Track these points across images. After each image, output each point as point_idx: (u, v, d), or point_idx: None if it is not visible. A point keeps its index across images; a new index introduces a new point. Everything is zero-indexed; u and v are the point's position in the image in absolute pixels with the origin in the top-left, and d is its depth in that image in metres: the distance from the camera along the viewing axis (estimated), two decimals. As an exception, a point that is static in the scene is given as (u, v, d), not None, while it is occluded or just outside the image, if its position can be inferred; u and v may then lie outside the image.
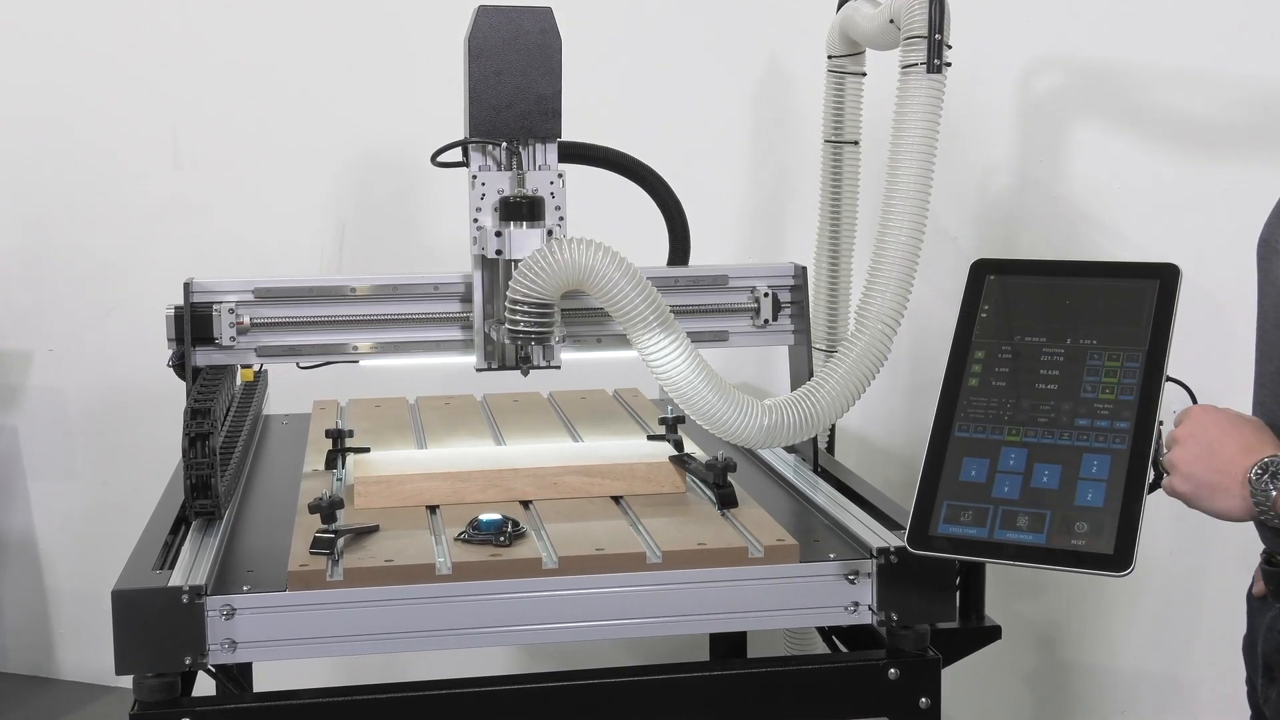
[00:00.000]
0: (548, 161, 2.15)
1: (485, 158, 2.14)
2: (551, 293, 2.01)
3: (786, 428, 2.03)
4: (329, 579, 1.85)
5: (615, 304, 1.98)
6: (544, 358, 2.21)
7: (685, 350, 1.98)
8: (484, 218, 2.13)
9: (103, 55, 3.71)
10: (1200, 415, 1.65)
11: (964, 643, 2.06)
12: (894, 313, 2.08)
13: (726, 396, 1.99)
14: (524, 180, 2.13)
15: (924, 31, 2.08)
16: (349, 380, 2.58)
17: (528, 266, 2.00)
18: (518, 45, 2.10)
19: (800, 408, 2.04)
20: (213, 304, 2.19)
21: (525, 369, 2.20)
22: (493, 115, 2.11)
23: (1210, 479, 1.59)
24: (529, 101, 2.12)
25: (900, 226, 2.07)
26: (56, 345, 3.88)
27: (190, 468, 1.98)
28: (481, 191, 2.13)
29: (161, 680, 1.80)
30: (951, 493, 1.78)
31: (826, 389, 2.07)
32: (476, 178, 2.13)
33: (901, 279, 2.08)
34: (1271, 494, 1.55)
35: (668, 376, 1.99)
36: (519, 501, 2.17)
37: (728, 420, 1.99)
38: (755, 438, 2.02)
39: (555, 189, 2.15)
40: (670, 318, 2.00)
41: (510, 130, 2.12)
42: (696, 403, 1.98)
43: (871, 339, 2.08)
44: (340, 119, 3.60)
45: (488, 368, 2.23)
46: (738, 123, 3.50)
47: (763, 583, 1.92)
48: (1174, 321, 1.78)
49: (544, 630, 1.89)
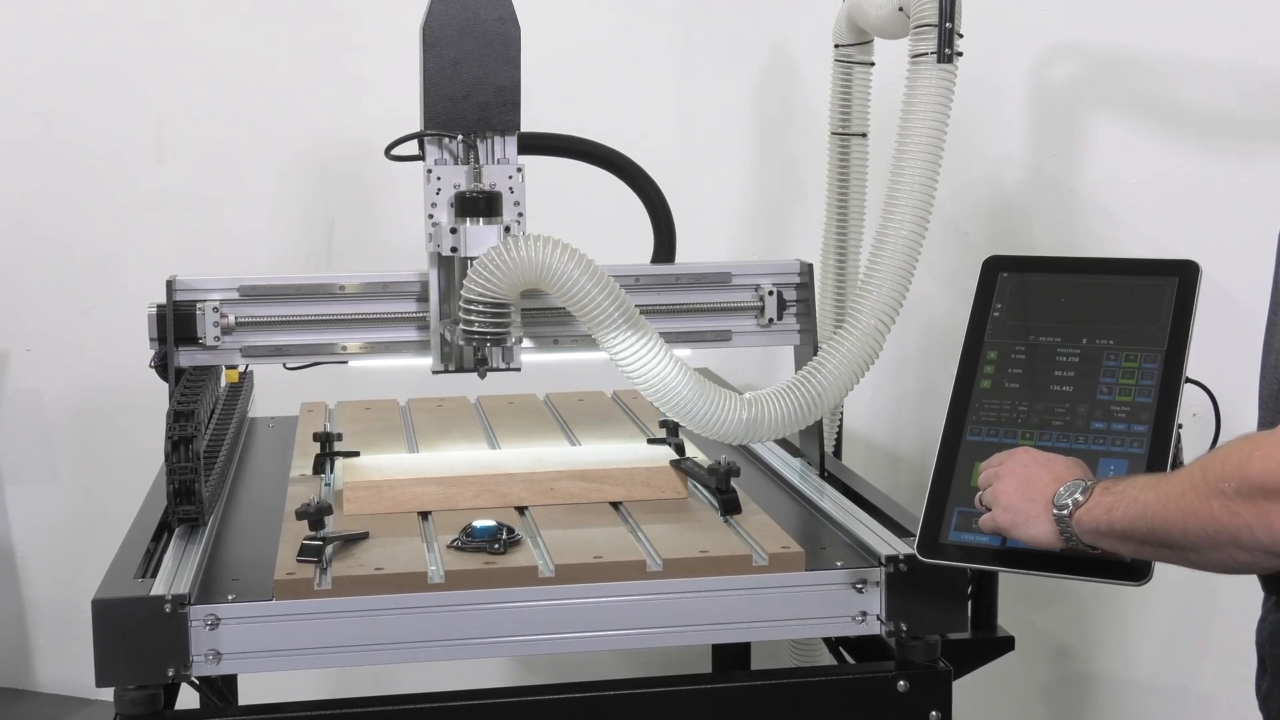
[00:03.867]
0: (507, 155, 2.14)
1: (441, 151, 2.14)
2: (508, 292, 2.01)
3: (768, 422, 2.05)
4: (317, 588, 1.85)
5: (578, 304, 1.99)
6: (503, 360, 2.20)
7: (656, 348, 1.99)
8: (439, 213, 2.13)
9: (83, 45, 3.71)
10: (1021, 455, 1.71)
11: (976, 654, 2.06)
12: (889, 308, 2.09)
13: (704, 392, 2.01)
14: (481, 174, 2.12)
15: (934, 20, 2.08)
16: (337, 381, 2.58)
17: (482, 265, 2.00)
18: (475, 34, 2.09)
19: (783, 402, 2.05)
20: (196, 302, 2.18)
21: (482, 372, 2.19)
22: (449, 107, 2.10)
23: (1024, 508, 1.64)
24: (487, 92, 2.11)
25: (903, 220, 2.08)
26: (34, 346, 3.87)
27: (173, 472, 1.98)
28: (437, 186, 2.13)
29: (143, 693, 1.80)
30: (963, 499, 1.78)
31: (813, 383, 2.08)
32: (431, 172, 2.13)
33: (900, 274, 2.08)
34: (1068, 506, 1.58)
35: (640, 376, 2.00)
36: (514, 507, 2.17)
37: (706, 415, 2.01)
38: (736, 432, 2.04)
39: (514, 184, 2.14)
40: (638, 316, 2.02)
41: (467, 122, 2.11)
42: (673, 400, 2.01)
43: (864, 334, 2.09)
44: (332, 112, 3.60)
45: (444, 370, 2.22)
46: (741, 114, 3.50)
47: (767, 592, 1.92)
48: (1193, 321, 1.78)
49: (540, 641, 1.89)
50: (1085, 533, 1.58)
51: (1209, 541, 1.42)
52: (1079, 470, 1.65)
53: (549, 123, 2.38)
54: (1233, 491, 1.39)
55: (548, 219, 3.32)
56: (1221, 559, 1.43)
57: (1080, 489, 1.59)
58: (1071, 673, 3.14)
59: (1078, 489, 1.59)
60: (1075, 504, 1.58)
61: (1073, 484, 1.60)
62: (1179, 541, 1.46)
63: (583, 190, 2.71)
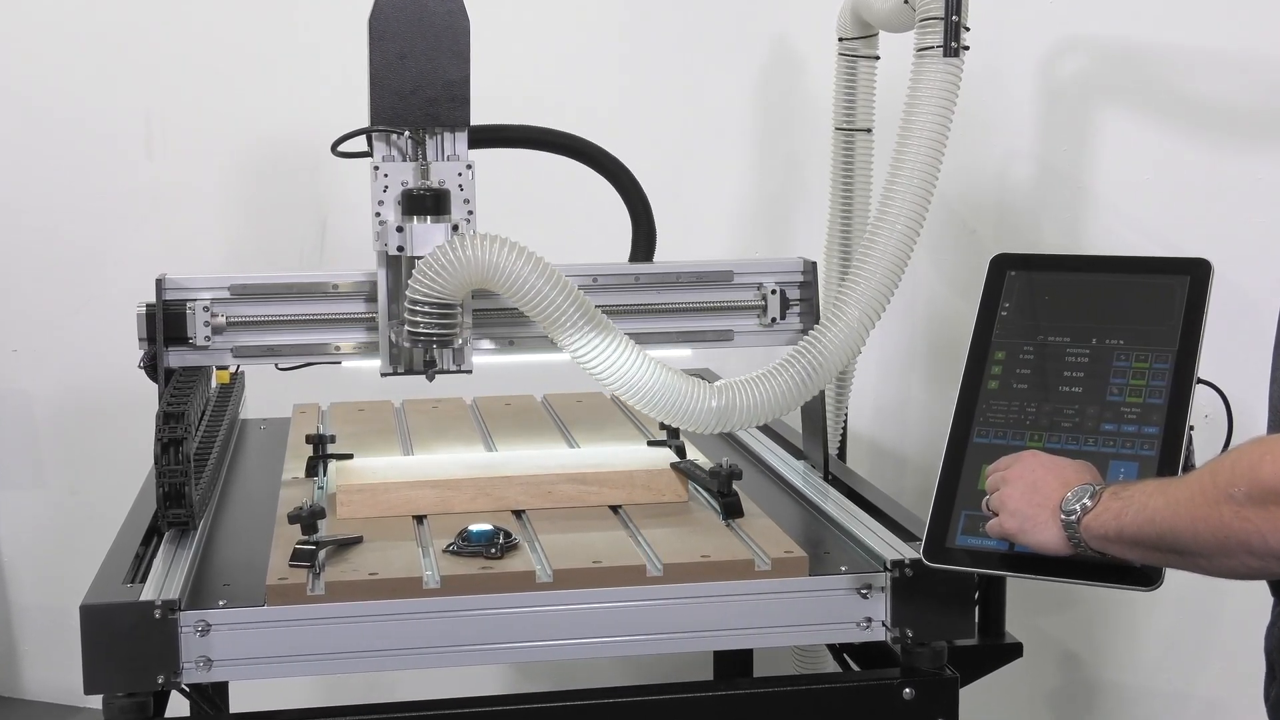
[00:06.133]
0: (456, 151, 2.14)
1: (389, 148, 2.13)
2: (454, 292, 2.01)
3: (739, 411, 2.06)
4: (310, 593, 1.84)
5: (531, 304, 1.99)
6: (453, 361, 2.20)
7: (617, 343, 2.01)
8: (386, 211, 2.12)
9: (71, 35, 3.70)
10: (1029, 459, 1.71)
11: (983, 660, 2.06)
12: (875, 301, 2.09)
13: (672, 382, 2.03)
14: (428, 171, 2.12)
15: (941, 13, 2.08)
16: (330, 382, 2.57)
17: (427, 264, 2.00)
18: (423, 27, 2.08)
19: (756, 390, 2.07)
20: (186, 301, 2.18)
21: (431, 374, 2.18)
22: (396, 102, 2.09)
23: (1031, 513, 1.64)
24: (435, 87, 2.09)
25: (898, 213, 2.08)
26: (21, 345, 3.87)
27: (163, 475, 1.98)
28: (384, 183, 2.12)
29: (133, 700, 1.80)
30: (970, 502, 1.78)
31: (786, 374, 2.09)
32: (379, 169, 2.12)
33: (889, 268, 2.09)
34: (1076, 512, 1.59)
35: (605, 373, 2.02)
36: (511, 511, 2.17)
37: (676, 405, 2.03)
38: (707, 421, 2.06)
39: (464, 181, 2.13)
40: (597, 313, 2.03)
41: (415, 118, 2.10)
42: (641, 393, 2.03)
43: (846, 325, 2.09)
44: (325, 107, 3.60)
45: (392, 372, 2.21)
46: (743, 109, 3.50)
47: (770, 597, 1.92)
48: (1205, 320, 1.78)
49: (537, 647, 1.89)
50: (1094, 539, 1.58)
51: (1219, 548, 1.42)
52: (1087, 474, 1.65)
53: (549, 120, 2.38)
54: (1243, 497, 1.39)
55: (547, 219, 3.33)
56: (1233, 565, 1.43)
57: (1088, 494, 1.59)
58: (1080, 679, 3.14)
59: (1086, 494, 1.59)
60: (1083, 510, 1.58)
61: (1081, 489, 1.60)
62: (1189, 548, 1.46)
63: (583, 189, 2.71)
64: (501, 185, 3.14)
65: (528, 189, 3.12)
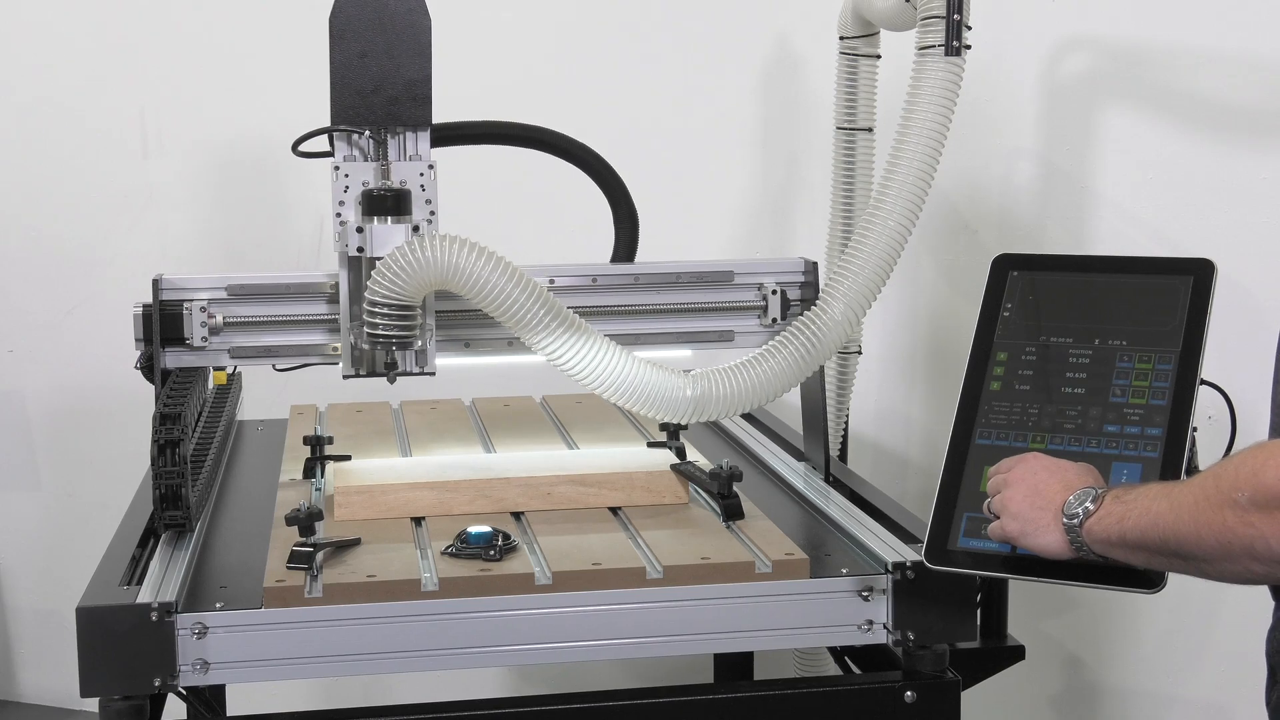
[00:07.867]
0: (419, 151, 2.14)
1: (351, 147, 2.13)
2: (414, 294, 2.02)
3: (716, 400, 2.09)
4: (307, 595, 1.85)
5: (495, 306, 2.00)
6: (415, 363, 2.20)
7: (586, 339, 2.02)
8: (347, 212, 2.12)
9: (65, 34, 3.71)
10: (1031, 461, 1.71)
11: (985, 663, 2.06)
12: (861, 297, 2.11)
13: (645, 374, 2.05)
14: (389, 171, 2.12)
15: (942, 11, 2.09)
16: (328, 383, 2.58)
17: (386, 265, 2.01)
18: (383, 26, 2.09)
19: (731, 380, 2.09)
20: (183, 302, 2.18)
21: (392, 376, 2.18)
22: (357, 101, 2.10)
23: (1033, 516, 1.64)
24: (396, 86, 2.10)
25: (890, 211, 2.09)
26: (16, 346, 3.88)
27: (159, 477, 1.98)
28: (345, 184, 2.12)
29: (129, 703, 1.80)
30: (972, 504, 1.78)
31: (765, 365, 2.11)
32: (339, 169, 2.12)
33: (878, 264, 2.09)
34: (1078, 516, 1.59)
35: (578, 370, 2.04)
36: (510, 513, 2.17)
37: (652, 396, 2.06)
38: (684, 411, 2.09)
39: (426, 181, 2.13)
40: (566, 312, 2.04)
41: (376, 117, 2.10)
42: (616, 386, 2.05)
43: (829, 320, 2.10)
44: (321, 106, 3.60)
45: (355, 374, 2.20)
46: (743, 108, 3.51)
47: (770, 600, 1.92)
48: (1209, 321, 1.78)
49: (536, 650, 1.89)
50: (1096, 543, 1.58)
51: (1223, 553, 1.42)
52: (1090, 477, 1.66)
53: (548, 120, 2.38)
54: (1246, 501, 1.39)
55: (548, 218, 3.33)
56: (1236, 570, 1.44)
57: (1091, 498, 1.59)
58: (1082, 683, 3.14)
59: (1088, 498, 1.59)
60: (1086, 513, 1.58)
61: (1083, 492, 1.61)
62: (1192, 552, 1.46)
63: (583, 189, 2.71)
64: (502, 185, 3.15)
65: (528, 189, 3.13)
